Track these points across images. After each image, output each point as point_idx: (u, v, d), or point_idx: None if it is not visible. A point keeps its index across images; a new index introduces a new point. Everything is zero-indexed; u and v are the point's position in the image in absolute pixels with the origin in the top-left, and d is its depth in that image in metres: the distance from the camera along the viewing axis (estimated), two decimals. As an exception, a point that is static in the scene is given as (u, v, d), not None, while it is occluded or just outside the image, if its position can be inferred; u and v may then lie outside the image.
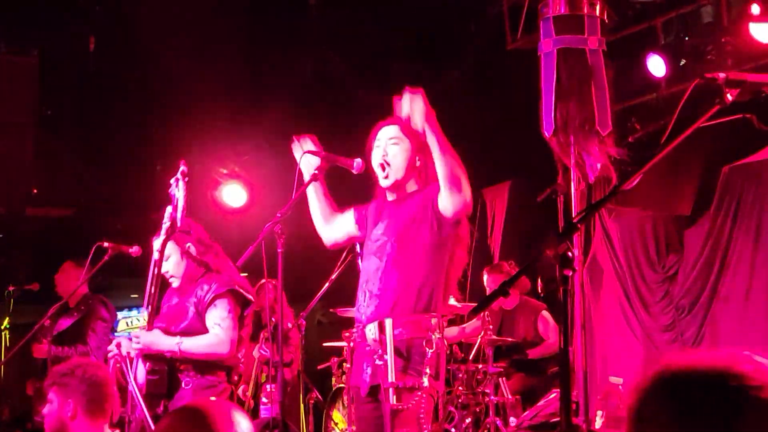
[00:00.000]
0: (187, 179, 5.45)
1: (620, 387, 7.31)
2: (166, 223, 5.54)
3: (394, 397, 4.54)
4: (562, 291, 3.01)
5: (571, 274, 2.98)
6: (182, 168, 5.47)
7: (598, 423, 6.94)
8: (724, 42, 9.02)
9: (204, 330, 5.55)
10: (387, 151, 4.96)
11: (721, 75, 3.40)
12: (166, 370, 5.47)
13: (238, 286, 5.65)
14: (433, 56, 10.50)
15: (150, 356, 5.46)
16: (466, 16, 10.48)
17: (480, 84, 10.59)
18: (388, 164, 4.95)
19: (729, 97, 3.41)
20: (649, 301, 9.55)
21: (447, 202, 4.76)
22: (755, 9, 8.48)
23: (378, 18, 10.08)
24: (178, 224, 5.49)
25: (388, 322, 4.68)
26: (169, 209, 5.54)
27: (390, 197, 5.06)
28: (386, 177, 4.97)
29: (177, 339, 5.46)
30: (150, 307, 5.48)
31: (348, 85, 10.46)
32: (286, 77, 10.58)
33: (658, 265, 9.59)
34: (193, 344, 5.48)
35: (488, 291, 9.13)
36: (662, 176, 9.69)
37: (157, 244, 5.58)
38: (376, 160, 4.99)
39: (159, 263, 5.56)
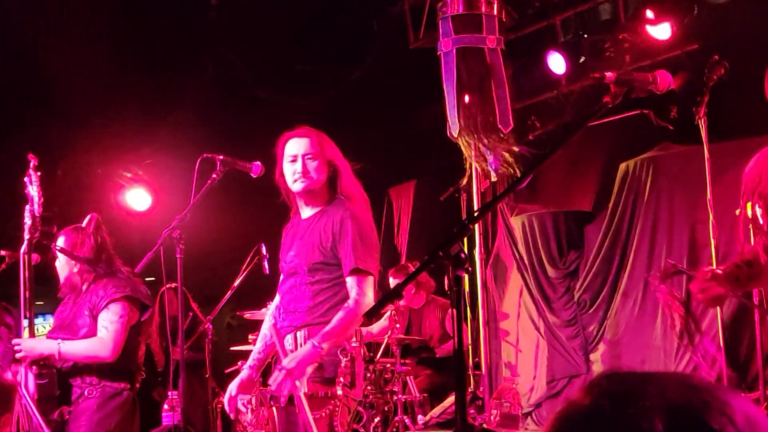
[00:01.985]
0: (39, 173, 5.38)
1: (514, 386, 7.39)
2: (27, 222, 5.46)
3: (308, 406, 4.52)
4: (455, 292, 3.02)
5: (464, 275, 2.99)
6: (32, 162, 5.39)
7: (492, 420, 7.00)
8: (622, 39, 9.17)
9: None
10: (303, 166, 4.89)
11: (609, 74, 3.43)
12: (55, 373, 5.39)
13: (134, 291, 5.56)
14: (336, 56, 10.48)
15: (36, 362, 5.38)
16: (368, 16, 10.47)
17: (384, 83, 10.59)
18: (306, 177, 4.89)
19: (618, 95, 3.44)
20: (552, 297, 9.67)
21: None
22: (649, 14, 8.64)
23: (280, 19, 10.02)
24: (38, 221, 5.42)
25: (301, 334, 4.70)
26: (28, 208, 5.47)
27: (303, 213, 5.01)
28: (302, 187, 4.91)
29: (57, 342, 5.39)
30: (29, 312, 5.41)
31: (250, 87, 10.38)
32: (189, 80, 10.47)
33: (560, 262, 9.72)
34: (73, 347, 5.41)
35: (393, 293, 9.16)
36: (564, 173, 9.83)
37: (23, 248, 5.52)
38: (290, 175, 4.93)
39: (26, 265, 5.47)
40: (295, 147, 4.90)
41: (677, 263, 3.45)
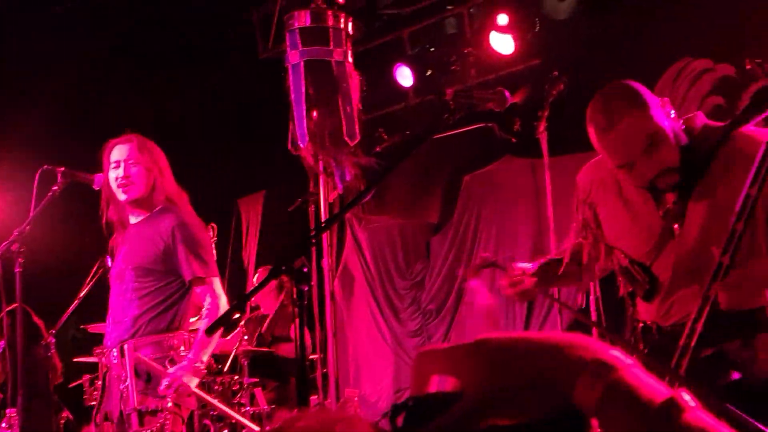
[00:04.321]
0: None
1: (356, 399, 7.44)
2: None
3: (137, 421, 4.47)
4: (298, 306, 3.04)
5: (306, 288, 3.01)
6: None
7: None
8: (467, 53, 9.34)
9: None
10: (126, 171, 4.84)
11: (448, 91, 3.52)
12: None
13: None
14: (190, 65, 10.36)
15: None
16: (220, 25, 10.39)
17: (235, 92, 10.54)
18: (129, 182, 4.84)
19: (458, 111, 3.52)
20: (399, 307, 9.79)
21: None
22: (502, 19, 8.82)
23: (135, 26, 9.85)
24: None
25: (127, 346, 4.63)
26: None
27: (131, 219, 4.95)
28: (126, 193, 4.86)
29: None
30: None
31: (98, 98, 10.17)
32: (33, 89, 10.19)
33: (407, 272, 9.85)
34: None
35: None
36: (411, 185, 9.94)
37: None
38: (113, 181, 4.87)
39: None
40: (117, 153, 4.86)
41: (490, 256, 3.56)
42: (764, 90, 2.92)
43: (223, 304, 4.69)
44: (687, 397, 0.98)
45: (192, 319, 5.13)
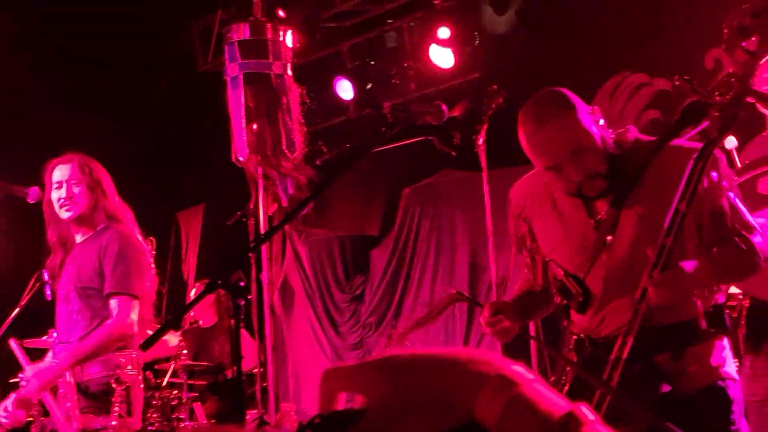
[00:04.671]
0: None
1: (293, 413, 7.42)
2: None
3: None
4: (234, 321, 3.03)
5: (243, 302, 3.00)
6: None
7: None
8: (407, 67, 9.38)
9: None
10: (68, 191, 4.83)
11: (386, 105, 3.54)
12: None
13: None
14: (130, 77, 10.29)
15: None
16: (159, 38, 10.33)
17: (174, 105, 10.48)
18: (71, 202, 4.83)
19: (395, 125, 3.54)
20: (338, 320, 9.79)
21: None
22: (443, 33, 8.87)
23: (72, 38, 9.76)
24: None
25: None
26: None
27: (77, 238, 4.94)
28: (68, 212, 4.84)
29: None
30: None
31: (33, 111, 10.06)
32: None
33: (346, 286, 9.85)
34: None
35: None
36: (351, 198, 9.95)
37: None
38: (56, 201, 4.86)
39: None
40: (59, 173, 4.86)
41: (462, 292, 3.54)
42: (692, 106, 2.97)
43: (127, 324, 4.67)
44: (586, 410, 1.00)
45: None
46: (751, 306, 5.31)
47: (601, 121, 3.21)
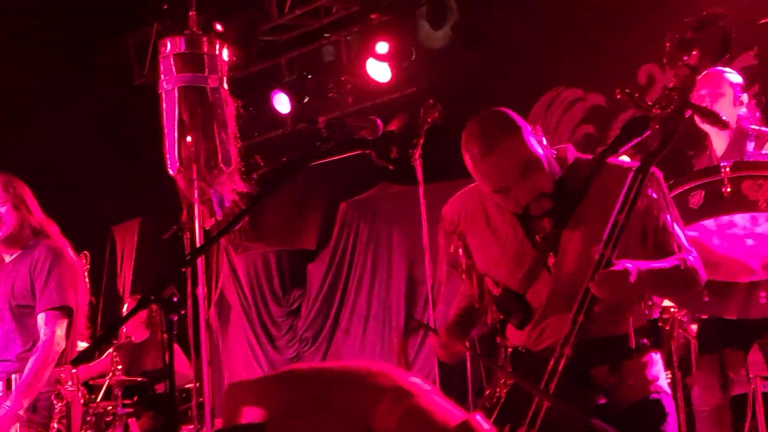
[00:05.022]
0: None
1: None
2: None
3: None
4: (167, 336, 3.00)
5: (176, 318, 2.97)
6: None
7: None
8: (344, 81, 9.39)
9: None
10: None
11: (321, 119, 3.53)
12: None
13: None
14: (65, 89, 10.17)
15: None
16: (95, 50, 10.24)
17: (110, 118, 10.38)
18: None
19: (330, 139, 3.53)
20: (275, 335, 9.75)
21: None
22: (382, 47, 8.88)
23: (8, 47, 9.63)
24: None
25: (15, 377, 4.59)
26: None
27: (6, 258, 4.90)
28: None
29: None
30: None
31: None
32: None
33: (283, 300, 9.82)
34: None
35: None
36: (288, 212, 9.93)
37: None
38: None
39: None
40: None
41: (419, 319, 3.53)
42: (634, 120, 3.00)
43: (56, 342, 4.62)
44: (481, 419, 1.01)
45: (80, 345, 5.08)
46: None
47: (544, 141, 3.23)
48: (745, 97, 5.35)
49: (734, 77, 5.32)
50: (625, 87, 2.92)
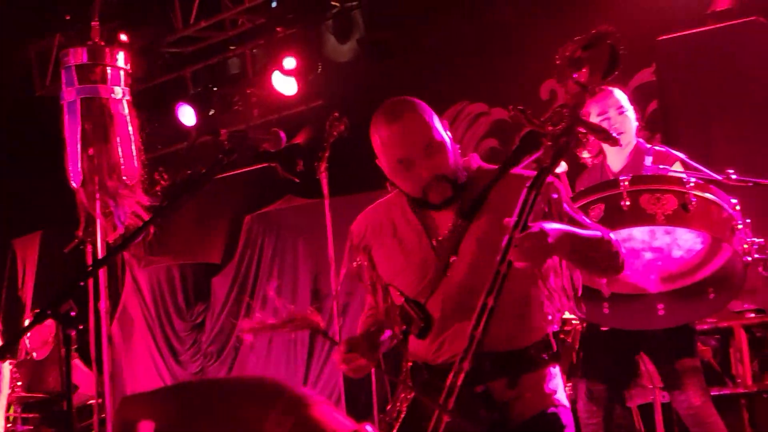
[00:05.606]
0: None
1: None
2: None
3: None
4: (65, 351, 2.95)
5: (74, 333, 2.92)
6: None
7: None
8: (250, 93, 9.37)
9: None
10: None
11: (223, 131, 3.51)
12: None
13: None
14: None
15: None
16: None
17: (11, 130, 10.21)
18: None
19: (233, 152, 3.51)
20: (179, 349, 9.67)
21: None
22: (289, 63, 8.87)
23: None
24: None
25: None
26: None
27: None
28: None
29: None
30: None
31: None
32: None
33: (187, 314, 9.74)
34: None
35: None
36: (193, 225, 9.85)
37: None
38: None
39: None
40: None
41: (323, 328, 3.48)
42: (529, 135, 3.04)
43: None
44: (370, 429, 1.03)
45: None
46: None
47: (450, 135, 3.27)
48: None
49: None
50: (527, 102, 2.96)
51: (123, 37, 8.60)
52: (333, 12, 9.28)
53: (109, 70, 6.88)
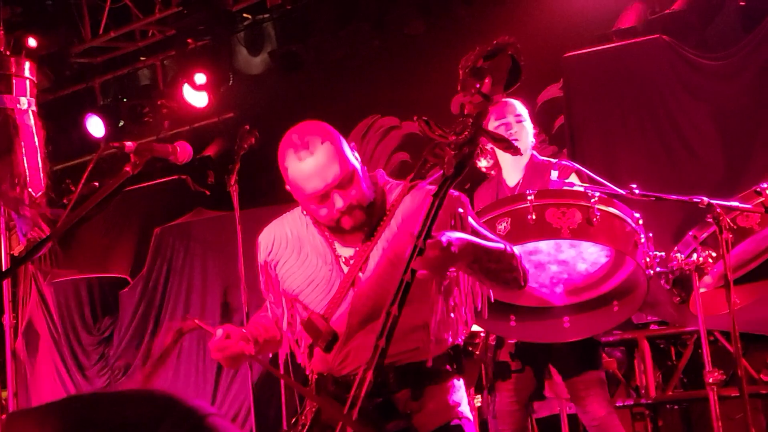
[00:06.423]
0: None
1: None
2: None
3: None
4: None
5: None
6: None
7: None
8: (161, 105, 9.29)
9: None
10: None
11: (128, 144, 3.48)
12: None
13: None
14: None
15: None
16: None
17: None
18: None
19: (140, 164, 3.49)
20: (86, 364, 9.55)
21: None
22: (200, 78, 8.80)
23: None
24: None
25: None
26: None
27: None
28: None
29: None
30: None
31: None
32: None
33: (94, 328, 9.63)
34: None
35: None
36: (101, 237, 9.73)
37: None
38: None
39: None
40: None
41: (198, 320, 3.46)
42: (433, 148, 3.05)
43: None
44: None
45: None
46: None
47: (359, 157, 3.27)
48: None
49: None
50: (439, 116, 2.97)
51: (32, 42, 8.45)
52: (244, 24, 9.25)
53: (14, 79, 6.78)
